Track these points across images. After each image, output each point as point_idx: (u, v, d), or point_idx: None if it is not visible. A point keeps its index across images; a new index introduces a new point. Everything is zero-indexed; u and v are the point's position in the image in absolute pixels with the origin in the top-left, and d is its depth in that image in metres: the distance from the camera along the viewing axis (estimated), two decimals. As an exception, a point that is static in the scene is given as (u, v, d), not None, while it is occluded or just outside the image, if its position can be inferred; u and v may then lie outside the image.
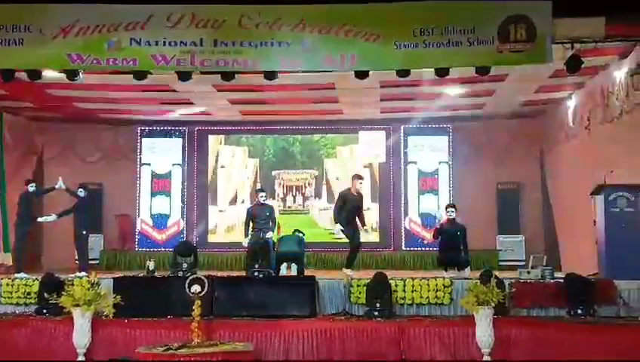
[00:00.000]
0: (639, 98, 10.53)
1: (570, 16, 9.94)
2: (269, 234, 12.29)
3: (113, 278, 10.53)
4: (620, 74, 11.00)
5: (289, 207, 16.94)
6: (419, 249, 15.67)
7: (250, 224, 12.50)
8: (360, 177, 12.26)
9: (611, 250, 10.34)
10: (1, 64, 10.19)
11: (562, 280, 10.02)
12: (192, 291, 8.94)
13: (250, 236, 12.34)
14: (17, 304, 10.52)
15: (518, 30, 9.71)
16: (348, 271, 11.39)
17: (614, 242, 10.34)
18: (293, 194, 17.03)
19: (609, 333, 8.84)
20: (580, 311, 9.42)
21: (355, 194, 11.99)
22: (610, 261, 10.33)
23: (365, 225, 12.24)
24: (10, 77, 10.46)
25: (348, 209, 11.86)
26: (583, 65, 10.29)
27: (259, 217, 12.43)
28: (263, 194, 12.80)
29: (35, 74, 10.53)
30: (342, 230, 11.94)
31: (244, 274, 11.41)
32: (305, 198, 17.03)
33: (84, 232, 13.26)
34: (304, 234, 12.93)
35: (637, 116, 10.70)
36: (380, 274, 10.17)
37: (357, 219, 11.97)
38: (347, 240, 12.02)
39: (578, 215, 12.70)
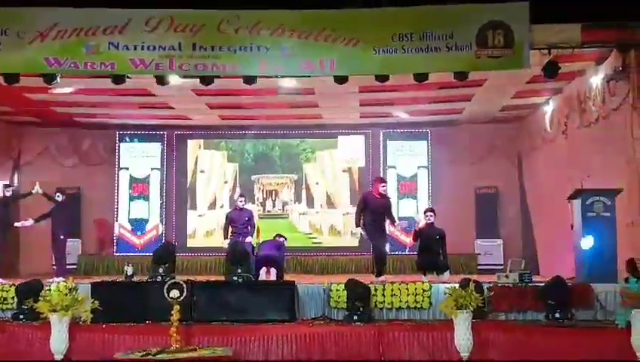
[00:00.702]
0: (615, 103, 10.66)
1: (547, 22, 10.04)
2: (248, 239, 12.28)
3: (91, 283, 10.43)
4: (597, 79, 11.13)
5: (268, 211, 16.91)
6: (398, 253, 15.70)
7: (230, 228, 12.49)
8: (382, 180, 12.21)
9: (588, 254, 10.41)
10: (-22, 68, 10.12)
11: (540, 284, 10.08)
12: (170, 296, 8.89)
13: (229, 240, 12.34)
14: (-6, 309, 10.42)
15: (496, 36, 9.79)
16: (380, 278, 11.13)
17: (592, 246, 10.41)
18: (273, 198, 17.01)
19: (586, 336, 8.89)
20: (557, 315, 9.47)
21: (378, 196, 11.89)
22: (587, 265, 10.40)
23: (395, 223, 12.17)
24: (-13, 81, 10.40)
25: (370, 212, 11.78)
26: (560, 71, 10.42)
27: (238, 221, 12.44)
28: (242, 199, 12.78)
29: (12, 78, 10.46)
30: (362, 233, 12.02)
31: (223, 278, 11.38)
32: (284, 203, 17.02)
33: (62, 237, 13.20)
34: (286, 239, 12.92)
35: (613, 121, 10.82)
36: (351, 280, 10.20)
37: (384, 222, 11.89)
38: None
39: (556, 219, 12.80)
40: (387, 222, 12.04)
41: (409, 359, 9.10)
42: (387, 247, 12.01)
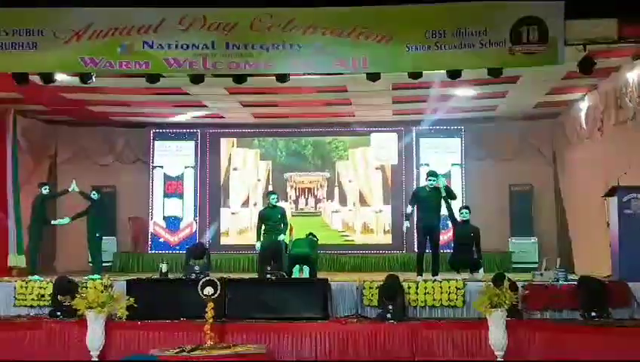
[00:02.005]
0: (652, 99, 10.52)
1: (582, 17, 9.90)
2: (281, 237, 12.29)
3: (126, 281, 10.57)
4: (633, 75, 10.96)
5: (301, 209, 16.95)
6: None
7: (263, 227, 12.51)
8: (433, 174, 11.92)
9: (625, 251, 10.28)
10: (15, 68, 10.24)
11: (576, 283, 9.98)
12: (204, 293, 8.95)
13: (262, 238, 12.35)
14: (31, 306, 10.56)
15: (531, 32, 9.67)
16: (437, 278, 10.91)
17: (628, 244, 10.28)
18: (305, 196, 17.04)
19: (623, 336, 8.78)
20: (593, 314, 9.36)
21: (430, 189, 11.73)
22: (624, 263, 10.28)
23: (455, 221, 11.92)
24: (24, 80, 10.52)
25: (423, 206, 11.63)
26: (595, 67, 10.26)
27: (270, 220, 12.41)
28: (274, 196, 12.79)
29: (48, 77, 10.59)
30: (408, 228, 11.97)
31: (256, 276, 11.42)
32: (317, 200, 17.04)
33: (98, 235, 13.32)
34: (317, 238, 12.93)
35: (650, 117, 10.68)
36: (392, 276, 10.16)
37: (437, 216, 11.69)
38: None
39: (591, 217, 12.66)
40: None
41: (442, 357, 9.08)
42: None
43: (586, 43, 9.90)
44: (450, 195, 11.76)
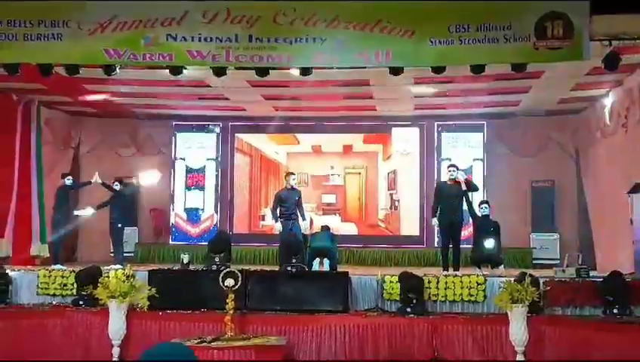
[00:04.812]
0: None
1: (608, 12, 9.81)
2: (302, 224, 12.24)
3: (148, 271, 10.64)
4: (659, 71, 10.87)
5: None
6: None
7: (278, 209, 12.50)
8: (453, 167, 11.99)
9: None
10: (39, 59, 10.30)
11: (598, 280, 9.92)
12: (225, 284, 9.01)
13: (280, 223, 12.35)
14: (54, 295, 10.72)
15: (556, 27, 9.58)
16: (458, 272, 10.99)
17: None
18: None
19: (645, 333, 8.74)
20: (615, 311, 9.33)
21: (451, 183, 11.74)
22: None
23: (475, 216, 11.88)
24: (49, 72, 10.59)
25: (445, 201, 11.65)
26: (620, 63, 10.16)
27: (288, 201, 12.40)
28: (294, 177, 12.67)
29: (72, 69, 10.65)
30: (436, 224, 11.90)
31: (277, 268, 11.46)
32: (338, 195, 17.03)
33: (120, 225, 13.43)
34: (330, 229, 12.93)
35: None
36: (408, 273, 10.17)
37: (458, 211, 11.67)
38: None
39: (615, 213, 12.57)
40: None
41: (463, 353, 9.07)
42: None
43: (611, 38, 9.81)
44: (472, 187, 11.74)
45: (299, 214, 12.56)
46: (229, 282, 9.03)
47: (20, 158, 13.98)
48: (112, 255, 13.66)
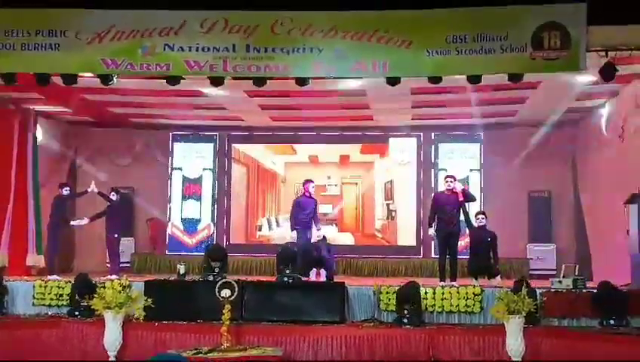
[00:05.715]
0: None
1: (604, 23, 9.84)
2: (317, 231, 12.26)
3: (144, 281, 10.61)
4: (655, 82, 10.89)
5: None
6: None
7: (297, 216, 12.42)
8: (450, 177, 12.00)
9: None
10: (37, 68, 10.30)
11: (594, 291, 9.91)
12: (222, 295, 8.98)
13: (296, 231, 12.29)
14: (50, 305, 10.69)
15: (552, 37, 9.62)
16: (455, 283, 10.95)
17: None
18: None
19: (642, 345, 8.72)
20: (612, 322, 9.31)
21: (448, 193, 11.74)
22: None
23: (472, 226, 11.82)
24: (46, 81, 10.58)
25: (442, 211, 11.64)
26: (617, 73, 10.18)
27: (307, 209, 12.37)
28: (313, 184, 12.64)
29: (70, 78, 10.64)
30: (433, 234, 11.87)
31: (273, 279, 11.44)
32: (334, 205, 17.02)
33: (116, 235, 13.41)
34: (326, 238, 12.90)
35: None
36: (409, 281, 10.15)
37: (455, 221, 11.66)
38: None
39: (611, 224, 12.55)
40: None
41: (459, 363, 9.05)
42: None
43: (608, 49, 9.83)
44: (469, 198, 11.75)
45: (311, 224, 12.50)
46: (226, 293, 9.00)
47: (17, 168, 13.92)
48: (108, 265, 13.61)
